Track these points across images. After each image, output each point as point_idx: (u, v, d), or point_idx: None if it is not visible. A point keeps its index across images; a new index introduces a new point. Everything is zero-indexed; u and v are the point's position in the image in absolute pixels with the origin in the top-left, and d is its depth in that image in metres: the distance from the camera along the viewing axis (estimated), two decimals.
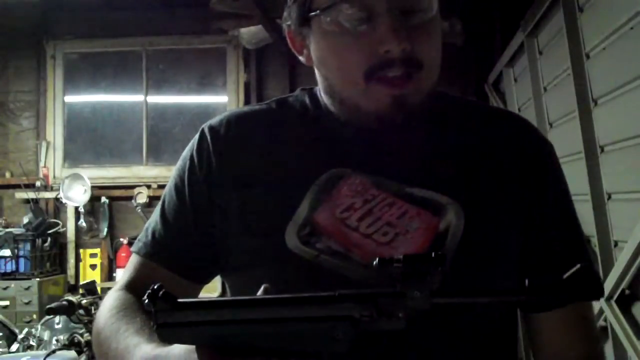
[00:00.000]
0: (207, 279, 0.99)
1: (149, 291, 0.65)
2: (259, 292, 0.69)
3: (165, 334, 0.67)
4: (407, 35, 0.84)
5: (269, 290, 0.69)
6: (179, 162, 1.00)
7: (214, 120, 1.01)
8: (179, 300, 0.66)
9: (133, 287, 0.96)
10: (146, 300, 0.65)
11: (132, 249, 1.00)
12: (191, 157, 0.98)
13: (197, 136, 0.99)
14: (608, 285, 2.29)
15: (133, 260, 0.99)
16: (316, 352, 0.64)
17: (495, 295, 0.62)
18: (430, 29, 0.88)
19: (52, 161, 5.56)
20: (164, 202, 0.99)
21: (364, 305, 0.62)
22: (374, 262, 0.62)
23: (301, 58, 0.96)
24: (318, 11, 0.87)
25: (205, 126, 1.00)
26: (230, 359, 0.64)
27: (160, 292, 0.65)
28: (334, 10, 0.85)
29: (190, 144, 1.00)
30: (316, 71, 0.95)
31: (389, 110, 0.87)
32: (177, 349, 0.71)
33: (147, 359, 0.76)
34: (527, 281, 0.61)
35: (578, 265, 0.60)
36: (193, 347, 0.66)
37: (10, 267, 5.01)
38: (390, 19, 0.84)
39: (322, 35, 0.89)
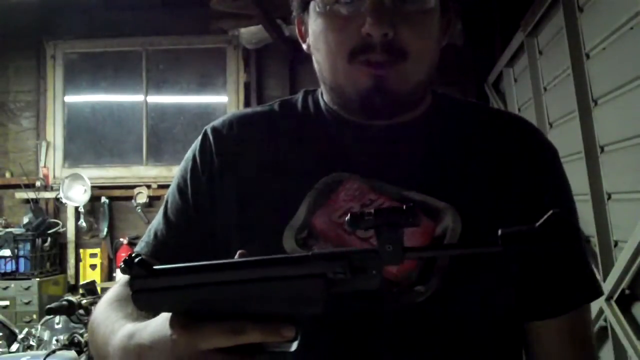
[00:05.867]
0: None
1: (126, 258, 0.65)
2: (236, 258, 0.68)
3: (142, 301, 0.67)
4: (390, 21, 0.83)
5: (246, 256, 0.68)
6: (182, 163, 1.00)
7: (216, 122, 1.01)
8: (155, 267, 0.66)
9: None
10: (122, 266, 0.65)
11: (135, 249, 1.00)
12: (194, 157, 0.98)
13: (199, 137, 1.00)
14: (608, 285, 2.29)
15: None
16: (290, 315, 0.63)
17: (468, 248, 0.60)
18: (422, 20, 0.86)
19: (52, 161, 5.56)
20: (167, 202, 1.00)
21: (337, 262, 0.62)
22: (346, 219, 0.61)
23: (304, 46, 0.96)
24: None
25: (208, 127, 1.00)
26: (201, 324, 0.63)
27: (137, 259, 0.65)
28: None
29: (193, 145, 1.00)
30: (313, 59, 0.95)
31: (370, 93, 0.86)
32: (156, 320, 0.71)
33: (127, 334, 0.76)
34: (500, 231, 0.58)
35: (551, 212, 0.58)
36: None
37: (10, 267, 5.01)
38: (375, 3, 0.83)
39: (314, 19, 0.89)
